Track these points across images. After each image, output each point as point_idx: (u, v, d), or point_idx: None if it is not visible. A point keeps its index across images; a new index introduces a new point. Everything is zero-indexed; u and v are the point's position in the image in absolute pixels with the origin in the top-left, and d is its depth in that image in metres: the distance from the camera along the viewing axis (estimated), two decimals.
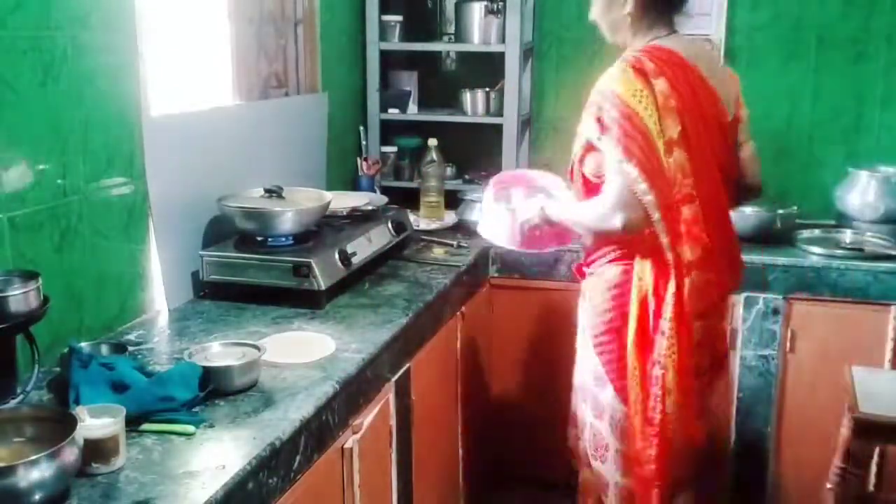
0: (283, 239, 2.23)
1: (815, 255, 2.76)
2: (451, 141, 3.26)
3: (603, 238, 1.99)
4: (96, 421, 1.36)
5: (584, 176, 1.99)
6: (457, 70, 3.57)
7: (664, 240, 1.86)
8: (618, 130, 1.82)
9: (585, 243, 2.09)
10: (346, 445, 1.77)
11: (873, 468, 2.55)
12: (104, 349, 1.79)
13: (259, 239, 2.24)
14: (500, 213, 2.22)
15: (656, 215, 1.82)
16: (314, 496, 1.65)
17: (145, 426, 1.49)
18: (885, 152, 3.13)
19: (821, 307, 2.74)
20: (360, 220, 2.54)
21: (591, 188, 1.98)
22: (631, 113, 1.83)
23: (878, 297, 2.68)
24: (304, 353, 1.84)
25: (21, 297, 1.51)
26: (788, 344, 2.78)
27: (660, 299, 1.89)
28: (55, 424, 1.32)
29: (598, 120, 1.88)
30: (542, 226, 2.13)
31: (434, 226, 2.96)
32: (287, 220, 2.22)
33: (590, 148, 1.94)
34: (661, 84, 1.86)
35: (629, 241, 1.93)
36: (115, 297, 2.00)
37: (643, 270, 1.92)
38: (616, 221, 1.83)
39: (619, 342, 1.95)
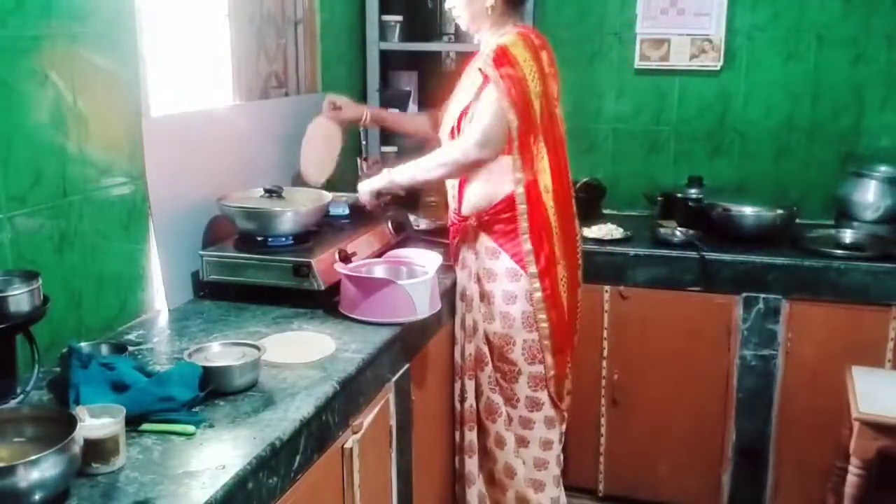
0: (283, 239, 2.23)
1: (815, 255, 2.77)
2: None
3: (498, 180, 2.29)
4: (96, 421, 1.36)
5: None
6: (457, 70, 3.56)
7: (517, 161, 2.26)
8: (506, 83, 2.20)
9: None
10: (346, 445, 1.77)
11: (873, 468, 2.54)
12: (104, 349, 1.79)
13: (259, 239, 2.23)
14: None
15: (515, 143, 2.24)
16: (314, 496, 1.65)
17: (145, 426, 1.48)
18: (885, 152, 3.13)
19: (821, 307, 2.74)
20: (360, 220, 2.54)
21: None
22: (519, 75, 2.21)
23: (878, 298, 2.68)
24: (304, 353, 1.84)
25: (21, 297, 1.51)
26: (788, 344, 2.78)
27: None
28: (55, 424, 1.31)
29: (488, 74, 2.21)
30: (390, 188, 2.38)
31: (434, 226, 2.96)
32: (287, 220, 2.21)
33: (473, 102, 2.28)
34: (544, 56, 2.33)
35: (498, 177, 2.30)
36: (115, 297, 2.00)
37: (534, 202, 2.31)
38: (473, 154, 2.24)
39: (550, 265, 2.32)
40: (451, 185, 2.43)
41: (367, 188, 2.40)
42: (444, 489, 2.53)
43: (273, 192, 2.31)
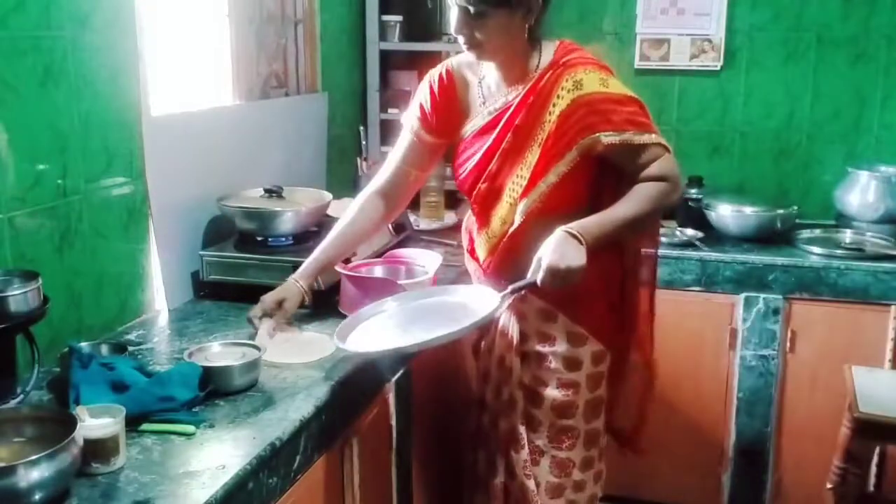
0: (283, 239, 2.23)
1: (815, 255, 2.77)
2: None
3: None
4: (96, 421, 1.36)
5: (549, 201, 1.87)
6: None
7: None
8: (645, 121, 1.83)
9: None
10: (346, 445, 1.77)
11: (873, 468, 2.55)
12: (104, 349, 1.79)
13: (259, 239, 2.23)
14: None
15: None
16: (314, 496, 1.65)
17: (145, 426, 1.48)
18: (885, 152, 3.13)
19: (821, 307, 2.74)
20: None
21: (551, 211, 1.87)
22: (634, 96, 1.85)
23: (878, 297, 2.68)
24: (304, 353, 1.84)
25: (21, 297, 1.51)
26: (788, 344, 2.78)
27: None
28: (55, 424, 1.32)
29: (631, 122, 1.81)
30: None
31: (434, 226, 2.96)
32: (287, 220, 2.22)
33: (586, 156, 1.84)
34: None
35: None
36: (115, 297, 2.00)
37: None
38: (676, 196, 1.88)
39: (613, 319, 2.05)
40: (490, 249, 2.01)
41: (577, 269, 1.75)
42: (444, 489, 2.53)
43: (273, 192, 2.31)
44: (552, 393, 1.99)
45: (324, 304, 2.13)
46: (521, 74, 1.90)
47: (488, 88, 1.97)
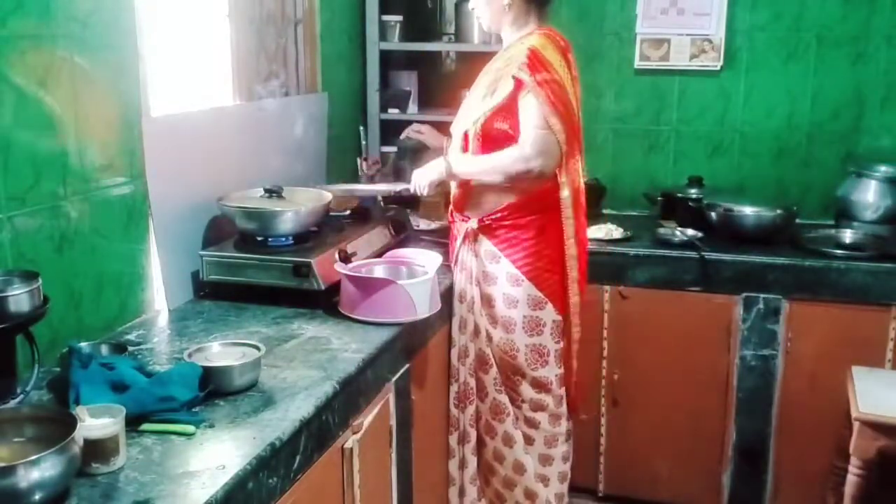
0: (283, 239, 2.23)
1: (815, 255, 2.76)
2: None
3: (508, 186, 2.27)
4: (96, 421, 1.36)
5: (488, 134, 2.26)
6: (457, 70, 3.57)
7: (565, 193, 2.27)
8: (545, 89, 2.17)
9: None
10: (346, 445, 1.77)
11: (873, 468, 2.54)
12: (104, 349, 1.79)
13: (259, 239, 2.23)
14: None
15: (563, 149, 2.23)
16: (314, 496, 1.65)
17: (145, 426, 1.49)
18: (885, 152, 3.13)
19: (821, 307, 2.74)
20: (360, 220, 2.54)
21: (492, 143, 2.26)
22: (557, 77, 2.19)
23: (878, 297, 2.68)
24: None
25: (21, 297, 1.51)
26: (788, 344, 2.78)
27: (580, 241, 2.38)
28: (55, 424, 1.31)
29: (524, 80, 2.17)
30: (446, 179, 2.36)
31: (434, 226, 2.96)
32: (287, 220, 2.21)
33: (505, 107, 2.22)
34: (570, 57, 2.30)
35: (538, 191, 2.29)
36: (115, 297, 2.00)
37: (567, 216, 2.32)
38: (534, 164, 2.19)
39: (557, 272, 2.34)
40: (456, 184, 2.41)
41: (425, 179, 2.36)
42: (444, 489, 2.53)
43: (273, 192, 2.31)
44: (496, 332, 2.36)
45: (324, 304, 2.14)
46: (517, 45, 2.31)
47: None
